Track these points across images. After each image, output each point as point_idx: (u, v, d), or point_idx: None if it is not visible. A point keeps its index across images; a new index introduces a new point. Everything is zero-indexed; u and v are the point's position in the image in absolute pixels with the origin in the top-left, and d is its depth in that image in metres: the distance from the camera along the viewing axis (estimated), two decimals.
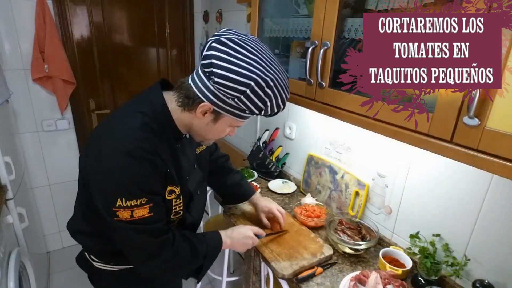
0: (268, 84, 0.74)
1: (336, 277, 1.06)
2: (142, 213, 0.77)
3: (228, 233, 1.03)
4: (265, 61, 0.75)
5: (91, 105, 2.30)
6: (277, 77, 0.76)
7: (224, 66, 0.71)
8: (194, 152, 1.01)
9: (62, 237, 2.42)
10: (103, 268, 0.97)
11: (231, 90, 0.73)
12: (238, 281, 2.06)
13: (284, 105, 0.83)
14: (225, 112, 0.80)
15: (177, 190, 0.88)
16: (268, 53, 0.79)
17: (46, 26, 1.89)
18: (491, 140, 0.60)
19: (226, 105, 0.78)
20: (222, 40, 0.73)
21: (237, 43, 0.74)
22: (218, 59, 0.72)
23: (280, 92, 0.78)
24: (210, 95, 0.76)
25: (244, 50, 0.73)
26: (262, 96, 0.75)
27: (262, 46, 0.79)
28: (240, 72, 0.71)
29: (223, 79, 0.71)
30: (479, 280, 0.89)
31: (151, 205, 0.78)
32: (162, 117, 0.81)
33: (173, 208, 0.89)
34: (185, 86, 0.80)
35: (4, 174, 1.47)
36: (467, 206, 0.96)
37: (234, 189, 1.27)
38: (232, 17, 2.15)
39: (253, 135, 2.11)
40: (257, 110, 0.78)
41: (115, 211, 0.75)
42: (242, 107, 0.77)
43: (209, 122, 0.82)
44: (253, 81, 0.72)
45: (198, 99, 0.78)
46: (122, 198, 0.74)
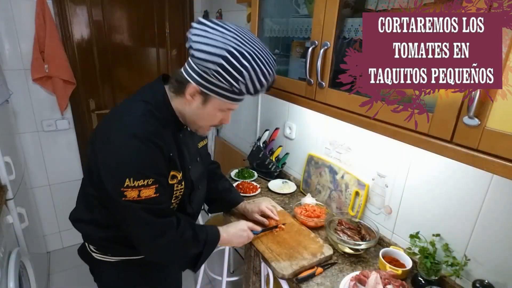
0: (244, 56, 0.75)
1: (336, 277, 1.06)
2: (149, 193, 0.81)
3: (225, 228, 1.07)
4: (243, 37, 0.77)
5: (91, 105, 2.30)
6: (256, 52, 0.77)
7: (200, 41, 0.75)
8: (196, 146, 1.04)
9: (62, 237, 2.43)
10: (101, 259, 1.00)
11: (207, 63, 0.75)
12: (238, 281, 2.06)
13: (268, 82, 0.82)
14: (211, 93, 0.82)
15: (179, 176, 0.92)
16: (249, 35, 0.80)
17: (46, 26, 1.89)
18: (491, 140, 0.60)
19: (210, 84, 0.80)
20: (200, 20, 0.79)
21: (216, 23, 0.78)
22: (195, 35, 0.76)
23: (259, 65, 0.78)
24: (195, 75, 0.81)
25: (221, 28, 0.77)
26: (238, 67, 0.75)
27: (244, 30, 0.80)
28: (215, 44, 0.74)
29: (200, 52, 0.75)
30: (479, 280, 0.89)
31: (157, 186, 0.82)
32: (163, 105, 0.87)
33: (174, 193, 0.93)
34: (176, 72, 0.86)
35: (4, 174, 1.47)
36: (467, 206, 0.96)
37: (224, 194, 1.30)
38: (232, 17, 2.15)
39: (253, 135, 2.11)
40: (235, 82, 0.77)
41: (123, 191, 0.78)
42: (224, 82, 0.78)
43: (199, 104, 0.85)
44: (227, 52, 0.74)
45: (185, 81, 0.82)
46: (130, 178, 0.78)
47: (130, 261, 1.00)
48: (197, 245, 0.95)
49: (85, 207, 0.95)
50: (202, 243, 0.96)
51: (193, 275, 2.20)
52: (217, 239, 1.02)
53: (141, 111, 0.83)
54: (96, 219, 0.94)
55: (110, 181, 0.80)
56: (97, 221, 0.94)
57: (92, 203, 0.93)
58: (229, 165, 2.09)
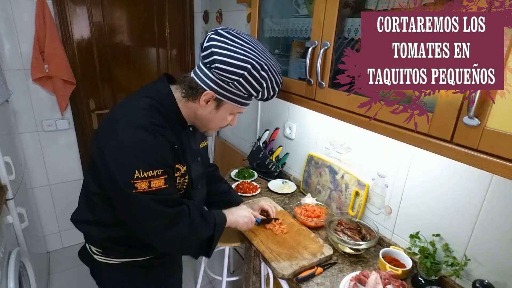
0: (263, 68, 0.82)
1: (336, 277, 1.06)
2: (159, 184, 0.81)
3: (228, 211, 1.08)
4: (258, 49, 0.84)
5: (91, 105, 2.30)
6: (270, 63, 0.85)
7: (224, 52, 0.79)
8: (197, 145, 1.05)
9: (62, 237, 2.43)
10: (104, 261, 0.99)
11: (231, 74, 0.80)
12: (238, 281, 2.06)
13: (279, 89, 0.92)
14: (226, 99, 0.87)
15: (183, 169, 0.93)
16: (261, 45, 0.88)
17: (46, 26, 1.89)
18: (491, 140, 0.60)
19: (227, 91, 0.85)
20: (220, 32, 0.83)
21: (233, 34, 0.83)
22: (217, 48, 0.80)
23: (274, 76, 0.86)
24: (212, 84, 0.84)
25: (239, 40, 0.82)
26: (259, 79, 0.83)
27: (254, 40, 0.87)
28: (238, 57, 0.79)
29: (223, 64, 0.79)
30: (479, 280, 0.89)
31: (166, 176, 0.83)
32: (167, 103, 0.88)
33: (177, 185, 0.94)
34: (188, 79, 0.88)
35: (4, 174, 1.47)
36: (467, 206, 0.96)
37: (223, 196, 1.30)
38: (232, 17, 2.15)
39: (253, 135, 2.11)
40: (255, 92, 0.86)
41: (134, 183, 0.78)
42: (242, 91, 0.85)
43: (212, 109, 0.89)
44: (250, 64, 0.80)
45: (201, 88, 0.86)
46: (139, 169, 0.78)
47: (133, 262, 0.99)
48: (209, 229, 0.96)
49: (88, 208, 0.95)
50: (212, 226, 0.96)
51: (193, 275, 2.20)
52: (225, 220, 1.03)
53: (146, 105, 0.84)
54: (99, 219, 0.93)
55: (120, 175, 0.79)
56: (100, 221, 0.93)
57: (95, 203, 0.92)
58: (229, 165, 2.09)
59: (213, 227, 0.97)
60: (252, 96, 0.88)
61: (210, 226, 0.96)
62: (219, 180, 1.32)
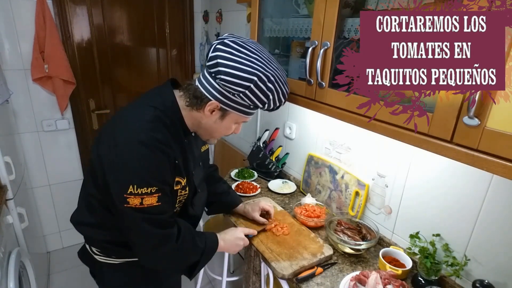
0: (270, 79, 0.80)
1: (336, 277, 1.06)
2: (151, 201, 0.80)
3: (222, 236, 1.08)
4: (265, 60, 0.82)
5: (91, 105, 2.30)
6: (277, 73, 0.83)
7: (230, 64, 0.78)
8: (199, 150, 1.05)
9: (62, 237, 2.43)
10: (104, 261, 0.99)
11: (236, 86, 0.78)
12: (238, 281, 2.06)
13: (285, 99, 0.90)
14: (231, 109, 0.85)
15: (183, 182, 0.92)
16: (267, 54, 0.85)
17: (46, 26, 1.89)
18: (491, 140, 0.60)
19: (232, 102, 0.83)
20: (226, 42, 0.80)
21: (240, 44, 0.81)
22: (223, 59, 0.78)
23: (281, 86, 0.85)
24: (217, 94, 0.82)
25: (246, 50, 0.80)
26: (265, 91, 0.81)
27: (261, 48, 0.86)
28: (244, 69, 0.77)
29: (229, 76, 0.77)
30: (479, 280, 0.89)
31: (160, 194, 0.81)
32: (172, 112, 0.86)
33: (178, 198, 0.94)
34: (192, 88, 0.86)
35: (4, 174, 1.47)
36: (467, 206, 0.96)
37: (222, 197, 1.31)
38: (232, 17, 2.14)
39: (253, 135, 2.11)
40: (261, 104, 0.84)
41: (126, 197, 0.78)
42: (247, 102, 0.83)
43: (217, 119, 0.88)
44: (256, 77, 0.78)
45: (205, 98, 0.84)
46: (134, 185, 0.77)
47: (133, 262, 0.99)
48: (195, 256, 0.96)
49: (87, 209, 0.95)
50: (200, 252, 0.97)
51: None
52: (215, 248, 1.03)
53: (150, 117, 0.82)
54: (99, 221, 0.93)
55: (114, 187, 0.80)
56: (100, 224, 0.93)
57: (94, 205, 0.92)
58: (229, 165, 2.09)
59: (201, 254, 0.97)
60: (257, 107, 0.87)
61: (198, 253, 0.96)
62: (218, 181, 1.32)
